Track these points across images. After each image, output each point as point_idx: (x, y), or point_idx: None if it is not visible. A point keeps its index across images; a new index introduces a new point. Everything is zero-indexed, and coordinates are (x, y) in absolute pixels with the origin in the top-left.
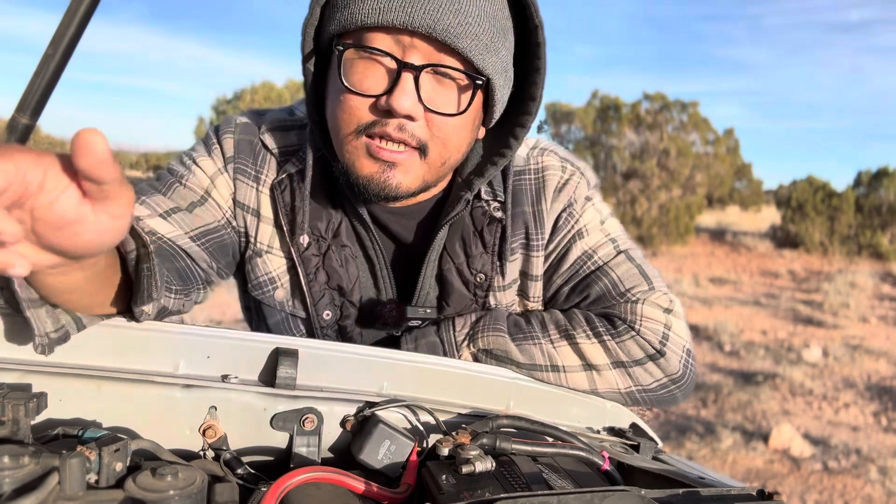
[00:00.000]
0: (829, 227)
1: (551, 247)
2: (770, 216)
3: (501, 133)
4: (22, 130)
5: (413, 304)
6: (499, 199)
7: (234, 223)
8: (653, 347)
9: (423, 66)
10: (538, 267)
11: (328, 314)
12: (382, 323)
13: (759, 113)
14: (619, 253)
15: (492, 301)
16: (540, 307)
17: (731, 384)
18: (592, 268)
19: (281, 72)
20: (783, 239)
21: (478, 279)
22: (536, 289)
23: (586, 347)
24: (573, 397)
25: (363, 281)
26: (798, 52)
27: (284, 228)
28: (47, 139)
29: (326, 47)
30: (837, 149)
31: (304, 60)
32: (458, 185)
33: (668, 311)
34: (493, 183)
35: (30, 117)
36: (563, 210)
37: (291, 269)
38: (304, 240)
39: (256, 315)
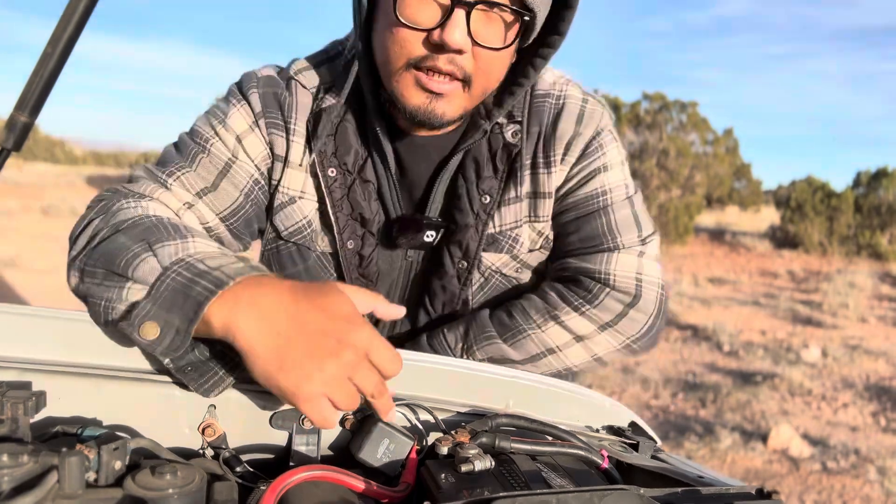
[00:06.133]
0: (829, 227)
1: (576, 170)
2: (769, 216)
3: (520, 61)
4: (21, 129)
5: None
6: (516, 119)
7: (262, 181)
8: (629, 295)
9: (476, 3)
10: (551, 184)
11: (351, 243)
12: (402, 231)
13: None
14: (626, 198)
15: (495, 220)
16: (549, 225)
17: (730, 384)
18: (601, 205)
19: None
20: (782, 239)
21: (483, 200)
22: (547, 206)
23: (571, 322)
24: (573, 396)
25: (380, 212)
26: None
27: (315, 160)
28: (46, 139)
29: None
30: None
31: None
32: (479, 114)
33: (640, 254)
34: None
35: (28, 116)
36: (594, 138)
37: (319, 209)
38: (332, 172)
39: (278, 267)
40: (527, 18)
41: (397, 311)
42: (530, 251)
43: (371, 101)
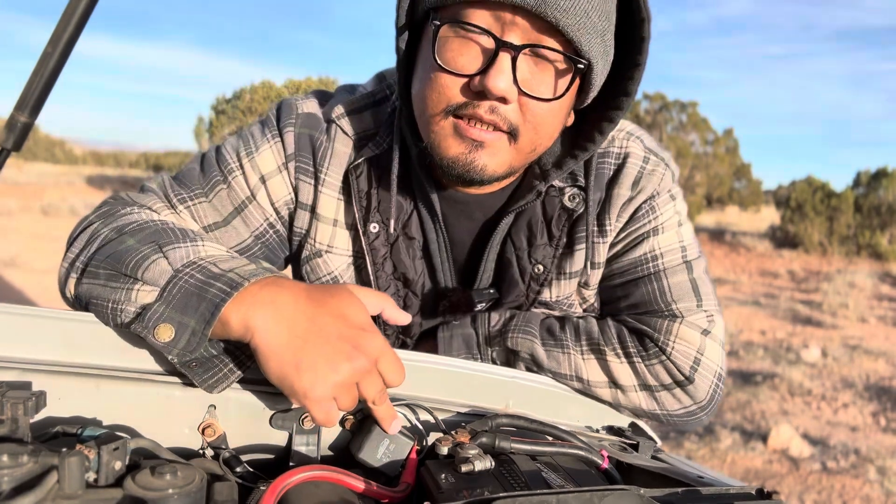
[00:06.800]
0: (829, 227)
1: (623, 234)
2: (769, 216)
3: (586, 124)
4: (21, 129)
5: (475, 288)
6: (578, 184)
7: (279, 225)
8: (682, 374)
9: (523, 47)
10: (603, 253)
11: None
12: (453, 312)
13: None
14: (683, 262)
15: (546, 293)
16: (595, 294)
17: (730, 384)
18: (651, 270)
19: (280, 71)
20: (782, 239)
21: (535, 270)
22: (596, 276)
23: (614, 366)
24: (572, 396)
25: (425, 272)
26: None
27: (356, 214)
28: (46, 138)
29: (420, 21)
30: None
31: (398, 35)
32: (533, 174)
33: (705, 332)
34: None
35: (28, 116)
36: (646, 202)
37: (353, 264)
38: (374, 228)
39: None
40: (581, 66)
41: (404, 318)
42: (584, 311)
43: (415, 152)
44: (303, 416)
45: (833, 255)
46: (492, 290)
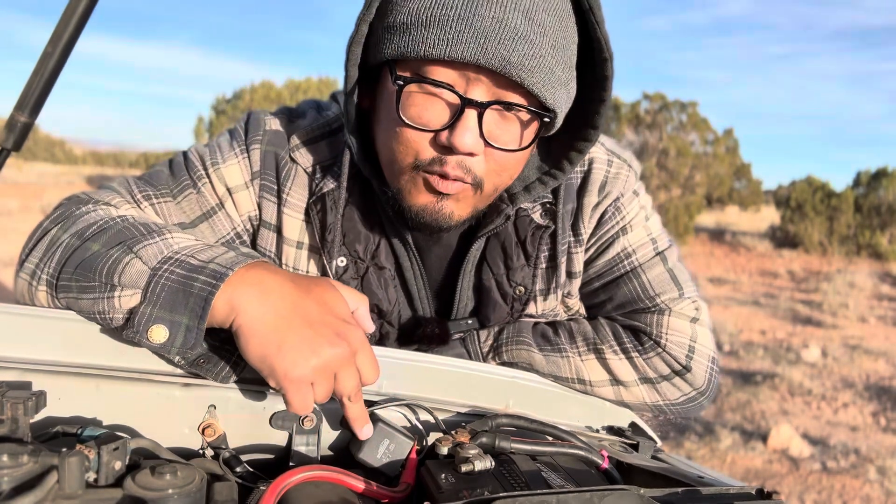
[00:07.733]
0: (829, 227)
1: (593, 239)
2: (769, 216)
3: (554, 151)
4: (21, 129)
5: (453, 318)
6: (547, 200)
7: (245, 237)
8: (679, 363)
9: (489, 104)
10: (580, 262)
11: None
12: (427, 343)
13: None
14: (656, 254)
15: (532, 308)
16: (578, 302)
17: (730, 384)
18: (627, 268)
19: (280, 71)
20: (782, 239)
21: (517, 292)
22: (576, 285)
23: (614, 363)
24: (572, 396)
25: (401, 301)
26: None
27: (321, 250)
28: (46, 138)
29: (375, 69)
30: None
31: (349, 92)
32: (500, 198)
33: (694, 320)
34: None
35: (28, 116)
36: (611, 204)
37: None
38: (342, 262)
39: None
40: (547, 120)
41: (370, 326)
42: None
43: (376, 186)
44: (303, 417)
45: (833, 255)
46: (470, 321)
